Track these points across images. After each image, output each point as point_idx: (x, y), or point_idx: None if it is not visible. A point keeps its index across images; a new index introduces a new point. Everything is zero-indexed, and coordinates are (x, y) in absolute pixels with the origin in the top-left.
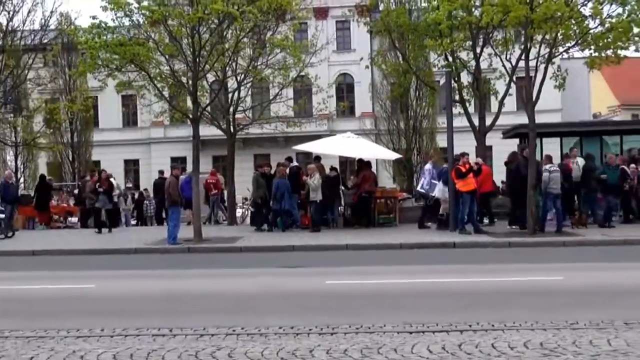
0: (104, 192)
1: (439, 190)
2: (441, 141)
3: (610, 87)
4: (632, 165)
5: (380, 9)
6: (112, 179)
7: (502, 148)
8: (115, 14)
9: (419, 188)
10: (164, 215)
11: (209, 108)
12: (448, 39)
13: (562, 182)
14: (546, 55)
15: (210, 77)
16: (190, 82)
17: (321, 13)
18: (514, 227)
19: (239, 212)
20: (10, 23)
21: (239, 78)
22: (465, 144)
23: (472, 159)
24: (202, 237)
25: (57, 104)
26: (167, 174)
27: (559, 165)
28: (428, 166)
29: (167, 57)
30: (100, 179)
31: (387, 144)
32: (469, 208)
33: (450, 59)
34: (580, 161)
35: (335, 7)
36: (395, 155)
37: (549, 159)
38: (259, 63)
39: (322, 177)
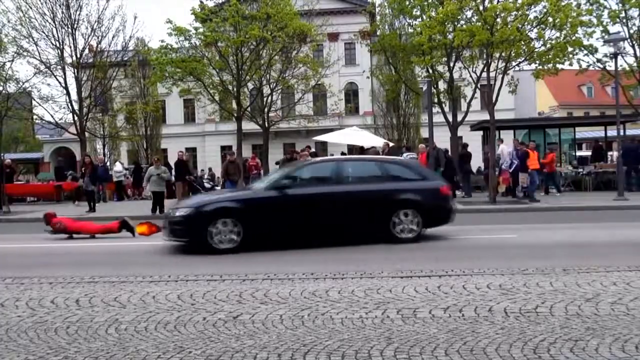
0: (88, 174)
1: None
2: (424, 133)
3: (551, 91)
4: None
5: (378, 33)
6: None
7: (470, 138)
8: (178, 38)
9: (503, 166)
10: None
11: (249, 108)
12: (429, 56)
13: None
14: (502, 68)
15: (250, 85)
16: (234, 89)
17: (333, 37)
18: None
19: None
20: (99, 45)
21: (271, 86)
22: (442, 135)
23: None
24: None
25: (134, 106)
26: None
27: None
28: (509, 149)
29: (217, 70)
30: (84, 164)
31: (383, 135)
32: None
33: (430, 71)
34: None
35: (344, 32)
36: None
37: (408, 149)
38: (286, 75)
39: None
